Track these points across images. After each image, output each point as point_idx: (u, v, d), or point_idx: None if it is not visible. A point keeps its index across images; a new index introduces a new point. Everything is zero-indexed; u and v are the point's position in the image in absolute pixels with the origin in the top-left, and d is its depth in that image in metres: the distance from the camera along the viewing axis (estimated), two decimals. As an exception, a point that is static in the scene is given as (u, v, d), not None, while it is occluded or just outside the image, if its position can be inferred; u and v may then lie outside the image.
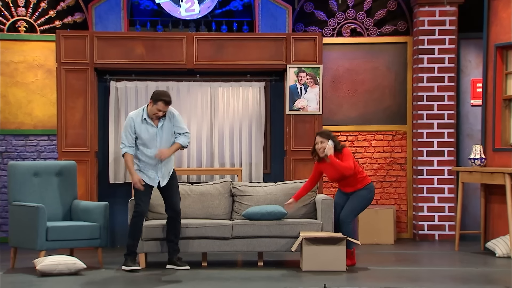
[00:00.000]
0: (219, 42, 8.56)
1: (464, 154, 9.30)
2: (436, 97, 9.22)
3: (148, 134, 6.78)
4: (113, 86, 8.67)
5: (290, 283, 6.10)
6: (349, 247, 6.94)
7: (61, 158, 8.31)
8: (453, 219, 9.08)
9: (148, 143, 6.79)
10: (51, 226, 6.75)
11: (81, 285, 6.05)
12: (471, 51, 9.44)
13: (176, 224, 6.86)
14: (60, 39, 8.41)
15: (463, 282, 6.20)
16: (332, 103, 9.48)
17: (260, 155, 8.80)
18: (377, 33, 9.56)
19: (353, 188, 7.05)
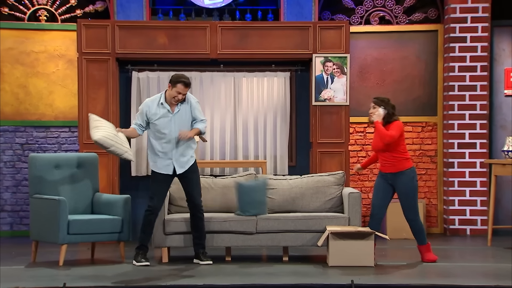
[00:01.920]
0: (243, 31, 8.54)
1: (497, 146, 9.19)
2: (468, 87, 9.12)
3: (163, 119, 6.75)
4: (135, 76, 8.69)
5: (316, 278, 6.08)
6: (423, 242, 6.93)
7: (82, 150, 8.36)
8: (485, 214, 8.99)
9: (162, 128, 6.75)
10: (73, 220, 6.79)
11: (103, 279, 6.09)
12: (504, 39, 9.32)
13: (196, 218, 6.87)
14: (81, 29, 8.44)
15: (496, 279, 6.13)
16: (359, 93, 9.41)
17: (285, 147, 8.78)
18: (406, 21, 9.47)
19: (392, 168, 6.92)
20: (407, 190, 6.95)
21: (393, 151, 6.93)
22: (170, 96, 6.74)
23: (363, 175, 9.44)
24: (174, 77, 6.76)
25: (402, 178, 6.93)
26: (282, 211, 7.25)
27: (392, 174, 6.94)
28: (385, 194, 7.00)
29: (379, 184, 7.04)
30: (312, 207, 7.31)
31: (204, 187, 7.26)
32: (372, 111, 7.03)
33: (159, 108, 6.78)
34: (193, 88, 8.72)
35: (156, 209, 6.81)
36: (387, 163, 6.98)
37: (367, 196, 9.40)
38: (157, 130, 6.77)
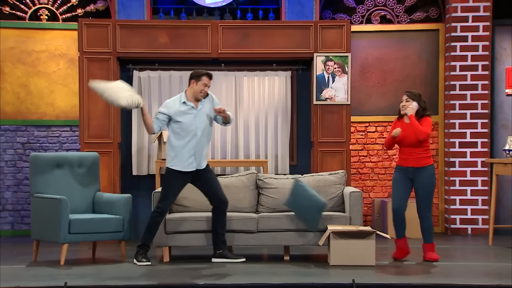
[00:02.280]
0: (244, 30, 8.54)
1: (498, 145, 9.19)
2: (469, 86, 9.11)
3: (188, 116, 6.76)
4: (136, 75, 8.69)
5: (318, 278, 6.08)
6: (430, 240, 6.93)
7: (83, 149, 8.36)
8: (486, 213, 8.98)
9: (188, 126, 6.75)
10: (74, 219, 6.79)
11: (104, 279, 6.09)
12: (506, 38, 9.31)
13: (223, 215, 6.88)
14: (82, 28, 8.44)
15: (497, 278, 6.13)
16: (360, 93, 9.41)
17: (286, 147, 8.78)
18: (407, 20, 9.47)
19: (416, 162, 6.90)
20: (426, 185, 6.93)
21: (419, 147, 6.91)
22: (196, 91, 6.77)
23: (365, 174, 9.44)
24: (195, 73, 6.81)
25: (424, 173, 6.92)
26: (283, 210, 7.25)
27: (414, 168, 6.92)
28: (406, 189, 6.97)
29: (399, 179, 6.97)
30: (313, 206, 7.30)
31: (205, 186, 7.27)
32: (404, 104, 6.98)
33: (182, 106, 6.79)
34: (194, 87, 8.71)
35: (165, 211, 6.82)
36: (411, 157, 6.93)
37: (368, 195, 9.40)
38: (181, 128, 6.76)
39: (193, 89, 6.78)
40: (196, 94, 6.78)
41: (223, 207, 6.88)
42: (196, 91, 6.77)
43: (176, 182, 6.81)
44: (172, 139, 6.81)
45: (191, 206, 7.26)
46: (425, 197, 6.94)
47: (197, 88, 6.77)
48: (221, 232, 6.88)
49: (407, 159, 6.96)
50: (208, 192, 6.89)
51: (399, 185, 6.97)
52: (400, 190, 6.96)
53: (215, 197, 6.87)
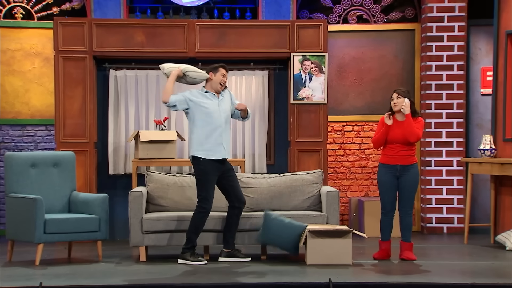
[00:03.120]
0: (222, 30, 8.53)
1: (473, 144, 9.27)
2: (445, 86, 9.18)
3: (212, 104, 6.77)
4: (113, 74, 8.65)
5: (295, 277, 6.09)
6: (409, 239, 6.95)
7: (59, 148, 8.31)
8: (462, 212, 9.06)
9: (213, 112, 6.75)
10: (49, 219, 6.75)
11: (80, 279, 6.05)
12: (481, 38, 9.39)
13: (240, 215, 6.89)
14: (57, 27, 8.38)
15: (472, 276, 6.18)
16: (337, 92, 9.45)
17: (263, 146, 8.79)
18: (384, 20, 9.52)
19: (404, 160, 6.90)
20: (413, 183, 6.95)
21: (407, 144, 6.92)
22: (215, 82, 6.81)
23: (342, 173, 9.48)
24: (210, 67, 6.86)
25: (411, 171, 6.94)
26: (260, 210, 7.25)
27: (402, 166, 6.93)
28: (395, 189, 6.98)
29: (386, 179, 6.97)
30: (290, 205, 7.32)
31: (183, 186, 7.25)
32: (396, 102, 6.92)
33: (205, 95, 6.81)
34: (171, 86, 8.69)
35: (210, 210, 6.77)
36: (398, 155, 6.94)
37: (345, 194, 9.44)
38: (207, 113, 6.73)
39: (212, 81, 6.82)
40: (216, 85, 6.83)
41: (242, 206, 6.90)
42: (215, 82, 6.82)
43: (210, 177, 6.73)
44: (198, 128, 6.74)
45: (168, 205, 7.25)
46: (410, 194, 6.96)
47: (216, 79, 6.82)
48: (234, 231, 6.89)
49: (393, 156, 6.95)
50: (229, 190, 6.87)
51: (387, 186, 6.97)
52: (389, 191, 6.97)
53: (235, 195, 6.87)
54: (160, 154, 8.30)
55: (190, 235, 6.76)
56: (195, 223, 6.75)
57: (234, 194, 6.88)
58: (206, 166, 6.75)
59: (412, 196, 7.00)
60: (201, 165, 6.75)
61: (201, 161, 6.75)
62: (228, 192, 6.89)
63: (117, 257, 7.19)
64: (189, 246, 6.75)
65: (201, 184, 6.75)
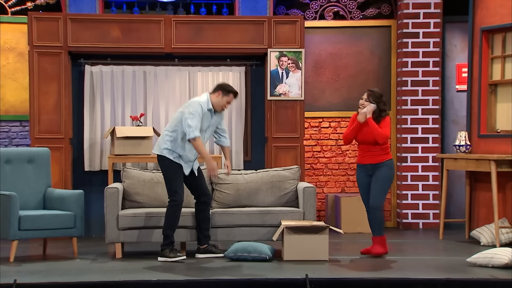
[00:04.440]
0: (198, 25, 8.51)
1: (449, 140, 9.34)
2: (421, 82, 9.25)
3: (206, 122, 6.79)
4: (88, 70, 8.60)
5: (271, 273, 6.11)
6: (381, 233, 6.95)
7: (34, 144, 8.25)
8: (437, 207, 9.14)
9: (203, 131, 6.78)
10: (24, 215, 6.70)
11: (55, 275, 6.02)
12: (456, 35, 9.47)
13: (208, 209, 6.91)
14: (32, 21, 8.31)
15: (447, 272, 6.24)
16: (314, 88, 9.48)
17: (240, 142, 8.79)
18: (360, 16, 9.56)
19: (374, 159, 6.95)
20: (383, 177, 6.96)
21: (376, 144, 6.96)
22: (218, 104, 6.81)
23: (318, 169, 9.51)
24: (225, 86, 6.85)
25: (382, 167, 6.98)
26: (237, 206, 7.27)
27: (372, 165, 6.98)
28: (368, 187, 7.02)
29: (361, 179, 7.04)
30: (267, 201, 7.34)
31: (159, 182, 7.24)
32: (363, 104, 6.98)
33: (208, 113, 6.80)
34: (147, 82, 8.68)
35: (182, 202, 6.76)
36: (369, 154, 6.99)
37: (322, 190, 9.48)
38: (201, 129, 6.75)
39: (217, 99, 6.81)
40: (217, 106, 6.83)
41: (208, 200, 6.91)
42: (219, 103, 6.82)
43: (179, 174, 6.75)
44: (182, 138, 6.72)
45: (144, 202, 7.23)
46: (380, 188, 6.95)
47: (222, 102, 6.82)
48: (205, 227, 6.89)
49: (365, 156, 7.02)
50: (194, 185, 6.88)
51: (363, 186, 7.05)
52: (365, 190, 7.04)
53: (200, 190, 6.88)
54: (136, 150, 8.28)
55: (166, 232, 6.75)
56: (170, 218, 6.75)
57: (199, 188, 6.89)
58: (178, 169, 6.77)
59: (380, 190, 6.96)
60: (174, 167, 6.76)
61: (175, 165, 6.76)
62: (193, 186, 6.90)
63: (93, 254, 7.16)
64: (167, 243, 6.74)
65: (168, 178, 6.76)
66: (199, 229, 6.90)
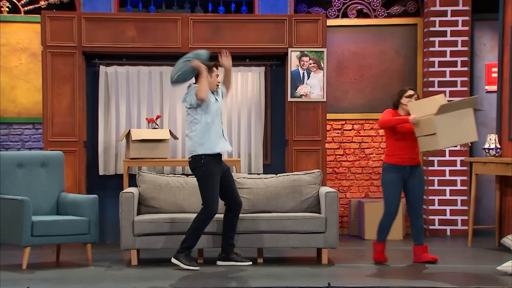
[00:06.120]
0: (216, 24, 8.53)
1: (478, 143, 9.26)
2: (448, 82, 9.20)
3: (211, 96, 6.80)
4: (103, 71, 8.65)
5: (292, 281, 6.10)
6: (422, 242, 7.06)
7: (47, 148, 8.30)
8: (466, 213, 9.08)
9: (212, 104, 6.76)
10: (37, 221, 6.74)
11: (69, 283, 6.05)
12: (485, 33, 9.41)
13: (237, 217, 6.90)
14: (45, 21, 8.37)
15: (476, 281, 6.20)
16: (337, 89, 9.46)
17: (259, 145, 8.79)
18: (385, 14, 9.53)
19: (413, 161, 7.00)
20: (422, 183, 7.09)
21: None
22: (212, 83, 6.81)
23: (341, 174, 9.48)
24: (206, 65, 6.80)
25: (419, 171, 7.05)
26: (256, 211, 7.26)
27: (411, 167, 7.01)
28: (401, 191, 7.05)
29: (396, 181, 6.97)
30: (287, 207, 7.33)
31: (176, 187, 7.25)
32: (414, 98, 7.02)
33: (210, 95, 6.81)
34: (164, 83, 8.70)
35: (216, 211, 6.76)
36: (410, 156, 6.99)
37: (345, 195, 9.45)
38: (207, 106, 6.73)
39: (209, 81, 6.80)
40: (213, 86, 6.83)
41: (239, 208, 6.90)
42: (212, 83, 6.82)
43: (215, 178, 6.72)
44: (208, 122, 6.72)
45: (160, 207, 7.25)
46: (422, 195, 7.11)
47: (213, 80, 6.83)
48: (231, 235, 6.89)
49: (405, 157, 6.97)
50: (226, 191, 6.88)
51: (397, 188, 6.99)
52: (397, 192, 7.01)
53: (232, 197, 6.88)
54: (152, 154, 8.30)
55: (190, 236, 6.74)
56: (199, 226, 6.74)
57: (231, 195, 6.89)
58: (210, 167, 6.74)
59: (422, 196, 7.13)
60: (206, 165, 6.73)
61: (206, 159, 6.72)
62: (225, 192, 6.89)
63: (108, 260, 7.19)
64: (186, 246, 6.73)
65: (204, 185, 6.74)
66: (225, 236, 6.89)
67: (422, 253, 7.05)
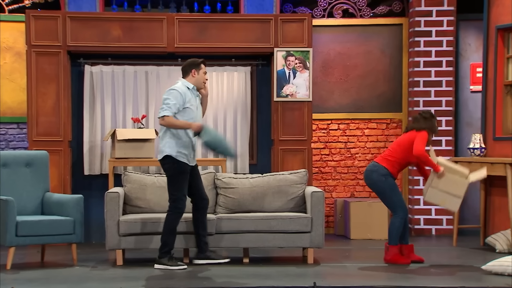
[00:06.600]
0: (202, 24, 8.53)
1: (463, 143, 9.33)
2: (434, 82, 9.24)
3: (196, 105, 6.77)
4: (88, 70, 8.62)
5: (278, 281, 6.11)
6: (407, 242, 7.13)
7: (32, 147, 8.27)
8: (451, 213, 9.11)
9: (195, 115, 6.75)
10: (21, 221, 6.71)
11: (54, 283, 6.03)
12: (470, 33, 9.46)
13: (205, 214, 6.87)
14: (30, 20, 8.34)
15: (461, 280, 6.23)
16: (322, 89, 9.48)
17: (245, 145, 8.79)
18: (370, 14, 9.56)
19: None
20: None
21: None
22: (199, 80, 6.78)
23: (327, 173, 9.51)
24: (193, 62, 6.79)
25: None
26: (242, 211, 7.27)
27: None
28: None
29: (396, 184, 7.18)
30: (273, 207, 7.34)
31: (161, 186, 7.24)
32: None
33: (192, 92, 6.77)
34: (149, 83, 8.69)
35: (184, 209, 6.75)
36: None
37: (331, 195, 9.47)
38: (190, 116, 6.71)
39: (195, 78, 6.79)
40: (200, 83, 6.81)
41: (206, 205, 6.89)
42: (199, 80, 6.80)
43: (185, 177, 6.71)
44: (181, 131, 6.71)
45: (146, 207, 7.24)
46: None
47: (200, 78, 6.81)
48: (203, 234, 6.87)
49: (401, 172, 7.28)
50: (193, 188, 6.85)
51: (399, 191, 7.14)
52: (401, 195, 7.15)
53: (198, 193, 6.86)
54: (137, 153, 8.29)
55: (166, 238, 6.74)
56: (171, 226, 6.74)
57: (197, 192, 6.87)
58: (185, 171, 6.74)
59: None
60: (181, 170, 6.73)
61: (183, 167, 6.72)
62: (191, 190, 6.86)
63: (93, 261, 7.17)
64: (167, 250, 6.73)
65: (177, 183, 6.73)
66: (198, 235, 6.88)
67: (408, 253, 7.08)
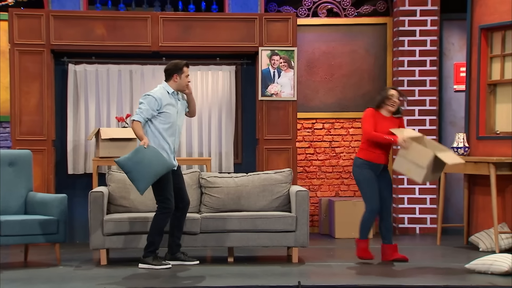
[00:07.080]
0: (186, 23, 8.51)
1: (446, 142, 9.36)
2: (418, 82, 9.28)
3: (173, 109, 6.74)
4: (72, 69, 8.59)
5: (263, 280, 6.11)
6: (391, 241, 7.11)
7: (15, 147, 8.23)
8: (435, 212, 9.16)
9: (173, 120, 6.72)
10: (4, 220, 6.68)
11: (37, 283, 6.00)
12: (454, 33, 9.50)
13: (184, 217, 6.86)
14: (13, 18, 8.30)
15: (445, 278, 6.26)
16: (307, 88, 9.49)
17: (230, 144, 8.79)
18: (355, 14, 9.58)
19: (385, 159, 7.04)
20: (391, 181, 7.18)
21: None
22: (181, 84, 6.75)
23: (312, 172, 9.52)
24: (175, 65, 6.74)
25: (386, 169, 7.11)
26: (227, 210, 7.27)
27: (383, 165, 7.05)
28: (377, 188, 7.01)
29: (371, 177, 6.96)
30: (258, 206, 7.34)
31: (145, 186, 7.22)
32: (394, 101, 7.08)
33: (172, 97, 6.74)
34: (133, 82, 8.67)
35: (173, 209, 6.73)
36: (384, 154, 7.02)
37: (315, 194, 9.49)
38: (167, 121, 6.69)
39: (178, 82, 6.76)
40: (182, 87, 6.78)
41: (186, 207, 6.87)
42: (182, 83, 6.77)
43: (167, 174, 6.68)
44: (160, 134, 6.69)
45: (130, 206, 7.22)
46: (391, 193, 7.15)
47: (183, 82, 6.77)
48: (178, 235, 6.86)
49: (381, 155, 7.00)
50: (176, 189, 6.83)
51: (375, 184, 6.98)
52: (376, 188, 6.99)
53: (181, 196, 6.84)
54: (122, 153, 8.25)
55: (153, 238, 6.73)
56: (159, 225, 6.72)
57: (180, 194, 6.85)
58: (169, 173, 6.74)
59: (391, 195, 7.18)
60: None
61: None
62: (175, 191, 6.84)
63: (77, 260, 7.14)
64: (152, 249, 6.72)
65: (164, 184, 6.73)
66: (172, 236, 6.87)
67: (392, 252, 7.10)
